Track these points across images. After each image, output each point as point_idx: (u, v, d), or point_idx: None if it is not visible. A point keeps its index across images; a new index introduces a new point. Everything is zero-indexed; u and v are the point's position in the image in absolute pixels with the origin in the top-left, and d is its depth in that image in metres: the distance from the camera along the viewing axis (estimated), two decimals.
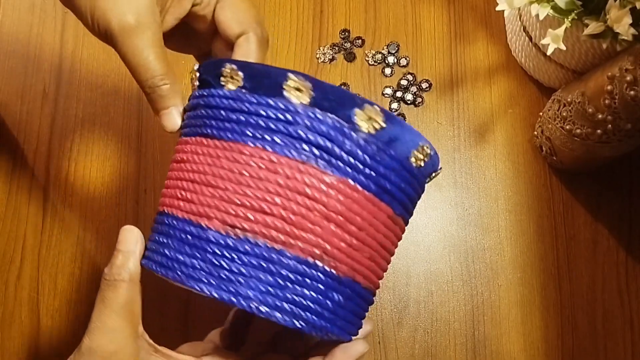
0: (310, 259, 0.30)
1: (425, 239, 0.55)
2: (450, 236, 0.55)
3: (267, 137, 0.31)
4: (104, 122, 0.58)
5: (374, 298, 0.36)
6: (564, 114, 0.49)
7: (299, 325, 0.31)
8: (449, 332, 0.52)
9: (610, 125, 0.45)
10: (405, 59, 0.59)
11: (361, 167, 0.31)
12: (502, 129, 0.57)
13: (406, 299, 0.53)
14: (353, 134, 0.31)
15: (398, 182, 0.32)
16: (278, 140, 0.30)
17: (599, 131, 0.46)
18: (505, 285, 0.53)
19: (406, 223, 0.36)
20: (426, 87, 0.58)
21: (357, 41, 0.60)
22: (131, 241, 0.33)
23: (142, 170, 0.57)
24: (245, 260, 0.30)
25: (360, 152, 0.31)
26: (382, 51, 0.60)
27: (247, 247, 0.30)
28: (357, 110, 0.31)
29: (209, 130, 0.32)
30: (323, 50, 0.60)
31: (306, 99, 0.31)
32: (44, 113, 0.58)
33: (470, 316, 0.53)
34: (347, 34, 0.60)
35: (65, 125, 0.58)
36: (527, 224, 0.55)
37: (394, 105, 0.58)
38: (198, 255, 0.31)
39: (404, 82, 0.58)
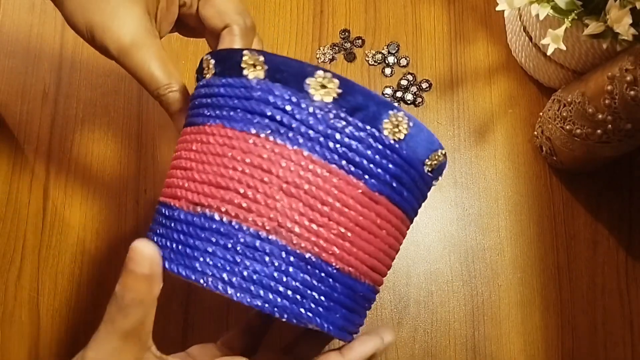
0: (264, 233, 0.30)
1: (425, 239, 0.55)
2: (450, 236, 0.55)
3: (225, 114, 0.31)
4: (104, 122, 0.58)
5: (363, 285, 0.33)
6: (564, 114, 0.49)
7: (258, 304, 0.30)
8: (449, 332, 0.52)
9: (610, 126, 0.44)
10: (405, 59, 0.59)
11: (316, 136, 0.30)
12: (502, 129, 0.57)
13: (406, 299, 0.53)
14: (305, 103, 0.30)
15: (369, 155, 0.31)
16: (235, 116, 0.31)
17: (599, 131, 0.46)
18: (505, 285, 0.53)
19: (399, 206, 0.33)
20: (426, 87, 0.58)
21: (357, 41, 0.60)
22: (146, 263, 0.30)
23: (142, 170, 0.57)
24: (203, 235, 0.30)
25: (313, 121, 0.30)
26: (382, 51, 0.60)
27: (204, 222, 0.30)
28: (308, 79, 0.30)
29: (188, 120, 0.34)
30: (323, 50, 0.60)
31: (261, 74, 0.31)
32: (44, 113, 0.58)
33: (470, 316, 0.53)
34: (347, 34, 0.60)
35: (65, 125, 0.58)
36: (527, 224, 0.55)
37: None
38: (165, 233, 0.32)
39: (404, 82, 0.58)
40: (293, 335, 0.41)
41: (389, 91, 0.58)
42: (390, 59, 0.59)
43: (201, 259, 0.30)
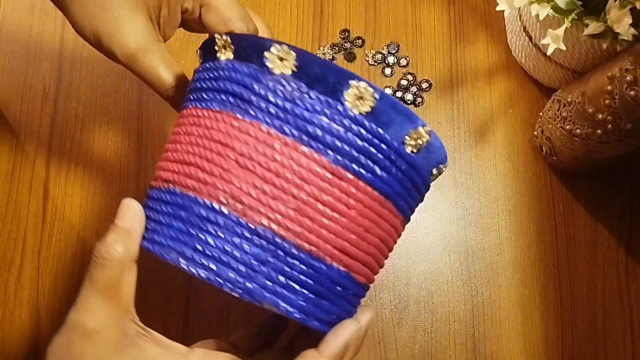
0: (217, 205, 0.30)
1: (425, 239, 0.55)
2: (450, 236, 0.55)
3: (199, 96, 0.33)
4: (104, 122, 0.58)
5: (330, 268, 0.31)
6: (564, 114, 0.49)
7: (209, 277, 0.29)
8: (449, 332, 0.52)
9: (610, 126, 0.45)
10: (405, 59, 0.59)
11: (275, 110, 0.30)
12: (502, 129, 0.57)
13: (406, 299, 0.53)
14: (265, 77, 0.31)
15: (331, 128, 0.30)
16: (205, 97, 0.33)
17: (599, 131, 0.46)
18: (505, 285, 0.53)
19: (373, 186, 0.31)
20: (426, 87, 0.58)
21: (357, 41, 0.60)
22: (128, 218, 0.32)
23: (142, 170, 0.57)
24: (165, 209, 0.32)
25: (271, 95, 0.30)
26: (382, 51, 0.60)
27: (168, 197, 0.32)
28: (266, 53, 0.31)
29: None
30: (323, 50, 0.60)
31: (230, 55, 0.32)
32: (44, 113, 0.58)
33: (470, 316, 0.53)
34: (347, 34, 0.60)
35: (65, 125, 0.58)
36: (527, 224, 0.55)
37: None
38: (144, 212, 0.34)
39: (404, 82, 0.58)
40: (293, 333, 0.41)
41: (389, 91, 0.58)
42: (390, 59, 0.59)
43: (160, 231, 0.31)
